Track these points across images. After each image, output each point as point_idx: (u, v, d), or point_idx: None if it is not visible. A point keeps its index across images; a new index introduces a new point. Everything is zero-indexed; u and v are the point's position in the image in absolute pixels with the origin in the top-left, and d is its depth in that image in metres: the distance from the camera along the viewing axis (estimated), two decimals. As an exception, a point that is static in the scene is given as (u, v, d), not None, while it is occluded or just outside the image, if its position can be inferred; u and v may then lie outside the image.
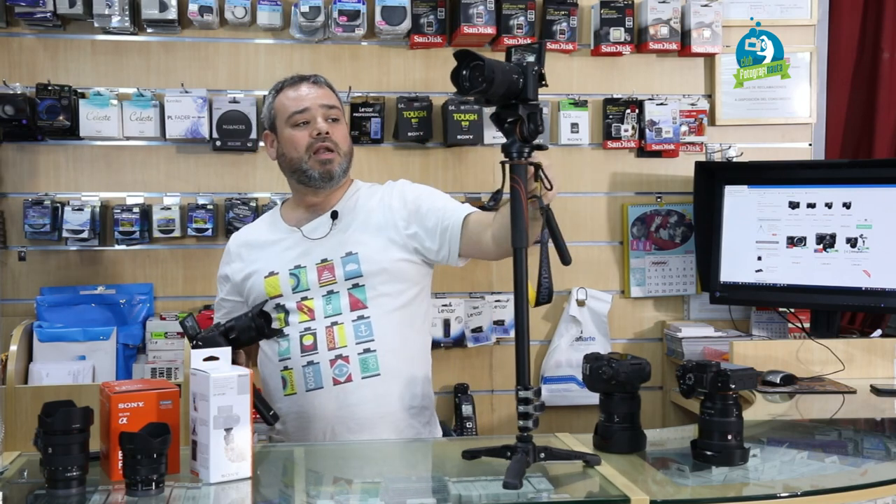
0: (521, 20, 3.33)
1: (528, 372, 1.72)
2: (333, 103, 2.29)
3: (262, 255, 2.32)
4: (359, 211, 2.31)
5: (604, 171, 3.55)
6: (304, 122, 2.25)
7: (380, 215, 2.29)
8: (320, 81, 2.32)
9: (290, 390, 2.23)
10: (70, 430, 1.59)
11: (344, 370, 2.19)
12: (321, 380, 2.19)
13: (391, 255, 2.25)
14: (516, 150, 1.74)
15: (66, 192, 3.24)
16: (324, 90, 2.30)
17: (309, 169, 2.25)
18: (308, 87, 2.29)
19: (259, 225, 2.46)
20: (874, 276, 3.05)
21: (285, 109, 2.28)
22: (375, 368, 2.20)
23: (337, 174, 2.26)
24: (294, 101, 2.27)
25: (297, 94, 2.28)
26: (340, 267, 2.23)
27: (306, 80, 2.31)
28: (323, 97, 2.28)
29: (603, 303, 3.50)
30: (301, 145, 2.25)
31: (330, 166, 2.25)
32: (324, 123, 2.25)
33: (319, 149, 2.24)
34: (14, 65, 3.22)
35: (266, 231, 2.38)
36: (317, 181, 2.25)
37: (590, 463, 1.78)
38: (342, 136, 2.29)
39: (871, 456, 2.04)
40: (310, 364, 2.20)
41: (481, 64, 1.69)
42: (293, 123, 2.26)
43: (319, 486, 1.73)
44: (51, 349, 3.04)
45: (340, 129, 2.29)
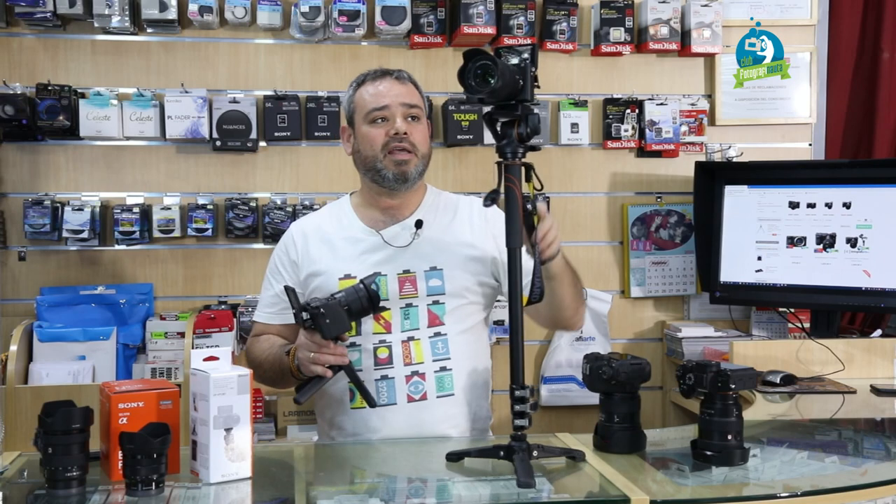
0: (521, 20, 3.33)
1: (522, 371, 1.72)
2: (415, 102, 2.17)
3: (334, 252, 2.19)
4: (444, 222, 2.21)
5: (604, 171, 3.55)
6: (382, 118, 2.14)
7: (467, 233, 2.21)
8: (404, 77, 2.19)
9: (358, 403, 2.12)
10: (70, 430, 1.59)
11: (419, 387, 2.12)
12: (395, 396, 2.11)
13: (473, 276, 2.18)
14: (511, 151, 1.74)
15: (66, 192, 3.24)
16: (407, 87, 2.18)
17: (383, 168, 2.13)
18: (390, 82, 2.16)
19: (327, 218, 2.28)
20: (874, 276, 3.05)
21: (364, 105, 2.16)
22: (450, 388, 2.14)
23: (412, 176, 2.14)
24: (374, 98, 2.15)
25: (377, 89, 2.15)
26: (423, 280, 2.14)
27: (389, 74, 2.18)
28: (405, 95, 2.16)
29: (603, 303, 3.50)
30: (377, 143, 2.13)
31: (405, 167, 2.12)
32: (402, 123, 2.13)
33: (395, 149, 2.12)
34: (14, 65, 3.22)
35: (339, 226, 2.23)
36: (391, 182, 2.13)
37: (575, 458, 1.80)
38: (421, 137, 2.16)
39: (871, 456, 2.04)
40: (384, 378, 2.11)
41: (489, 64, 1.69)
42: (371, 120, 2.14)
43: (319, 485, 1.73)
44: (51, 349, 3.04)
45: (420, 130, 2.16)
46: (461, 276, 2.16)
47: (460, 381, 2.16)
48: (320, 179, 3.35)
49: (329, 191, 3.31)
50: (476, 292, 2.20)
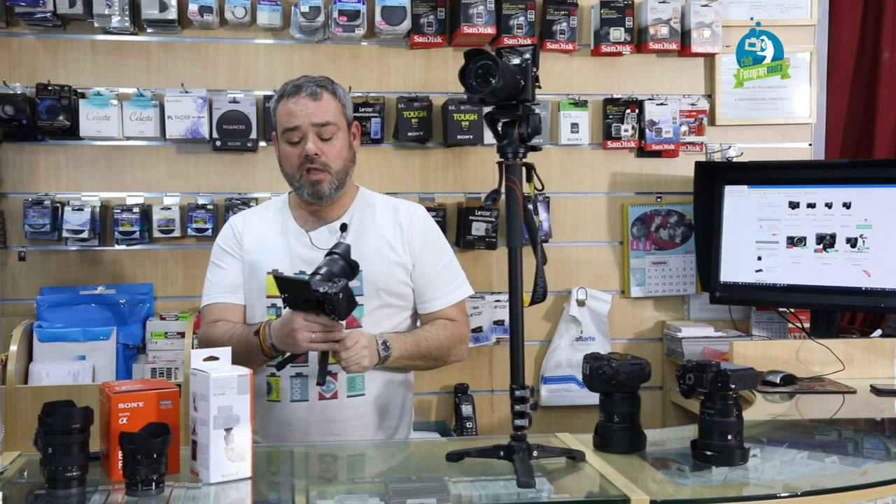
0: (521, 20, 3.33)
1: (522, 371, 1.72)
2: (327, 119, 2.19)
3: (266, 248, 2.28)
4: (368, 224, 2.28)
5: (604, 171, 3.55)
6: (295, 140, 2.20)
7: (389, 236, 2.27)
8: (317, 94, 2.20)
9: (274, 397, 2.23)
10: (70, 430, 1.59)
11: (331, 386, 2.19)
12: (307, 393, 2.19)
13: (394, 277, 2.25)
14: (511, 151, 1.75)
15: (66, 192, 3.24)
16: (320, 103, 2.20)
17: (300, 186, 2.23)
18: (304, 101, 2.19)
19: (265, 214, 2.38)
20: (874, 276, 3.05)
21: (280, 123, 2.23)
22: (361, 388, 2.22)
23: (326, 194, 2.21)
24: (287, 117, 2.20)
25: (290, 108, 2.20)
26: None
27: (303, 91, 2.20)
28: (317, 114, 2.19)
29: (603, 303, 3.50)
30: (293, 163, 2.22)
31: (319, 187, 2.20)
32: (313, 145, 2.18)
33: (309, 169, 2.19)
34: (14, 65, 3.22)
35: (273, 223, 2.33)
36: (307, 198, 2.23)
37: (575, 458, 1.80)
38: (335, 155, 2.21)
39: (871, 456, 2.04)
40: (298, 376, 2.20)
41: (490, 64, 1.69)
42: (286, 140, 2.22)
43: (319, 486, 1.73)
44: (51, 349, 3.04)
45: (334, 147, 2.21)
46: (379, 277, 2.23)
47: (373, 382, 2.22)
48: (320, 179, 3.35)
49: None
50: (395, 294, 2.25)
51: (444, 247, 2.36)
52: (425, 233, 2.32)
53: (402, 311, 2.29)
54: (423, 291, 2.29)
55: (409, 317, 2.32)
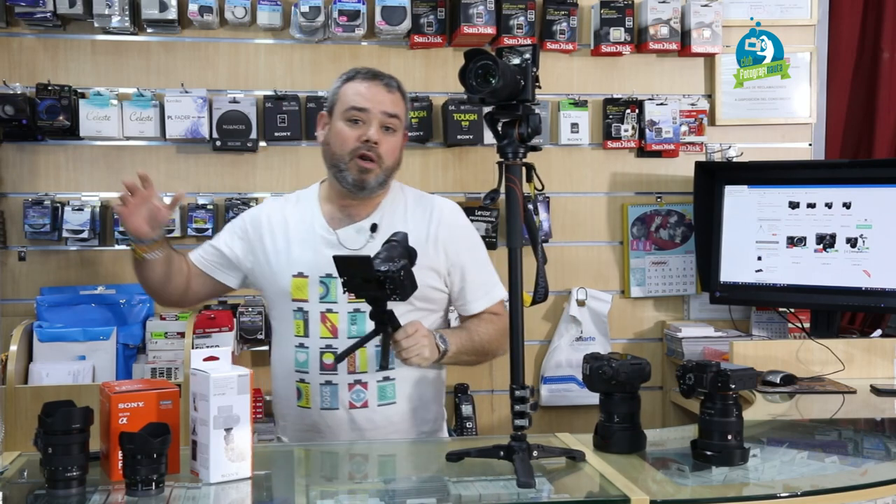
0: (521, 20, 3.33)
1: (522, 371, 1.72)
2: (396, 112, 2.16)
3: (290, 250, 2.20)
4: (399, 225, 2.18)
5: (604, 171, 3.55)
6: (358, 120, 2.14)
7: (424, 238, 2.18)
8: (393, 86, 2.18)
9: (304, 402, 2.19)
10: (70, 430, 1.59)
11: (361, 395, 2.14)
12: (337, 401, 2.15)
13: (423, 280, 2.11)
14: (512, 151, 1.75)
15: (66, 192, 3.24)
16: (393, 96, 2.17)
17: (346, 170, 2.14)
18: (378, 87, 2.15)
19: (293, 209, 2.29)
20: (874, 276, 3.05)
21: (346, 101, 2.15)
22: (392, 397, 2.16)
23: (371, 186, 2.14)
24: (357, 97, 2.14)
25: (363, 90, 2.15)
26: None
27: (380, 79, 2.18)
28: (388, 103, 2.15)
29: (603, 303, 3.50)
30: (347, 144, 2.14)
31: (366, 175, 2.13)
32: (376, 132, 2.13)
33: (362, 155, 2.12)
34: (14, 65, 3.22)
35: (301, 220, 2.24)
36: (349, 185, 2.15)
37: (575, 458, 1.80)
38: (390, 150, 2.16)
39: (871, 456, 2.04)
40: (328, 384, 2.15)
41: (490, 64, 1.69)
42: (348, 118, 2.14)
43: (319, 486, 1.73)
44: (51, 349, 3.04)
45: (392, 142, 2.16)
46: None
47: (403, 390, 2.17)
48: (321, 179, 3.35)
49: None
50: (425, 298, 2.17)
51: (478, 246, 2.31)
52: (460, 233, 2.26)
53: (433, 313, 2.23)
54: (463, 293, 2.23)
55: (439, 318, 2.26)
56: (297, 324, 2.18)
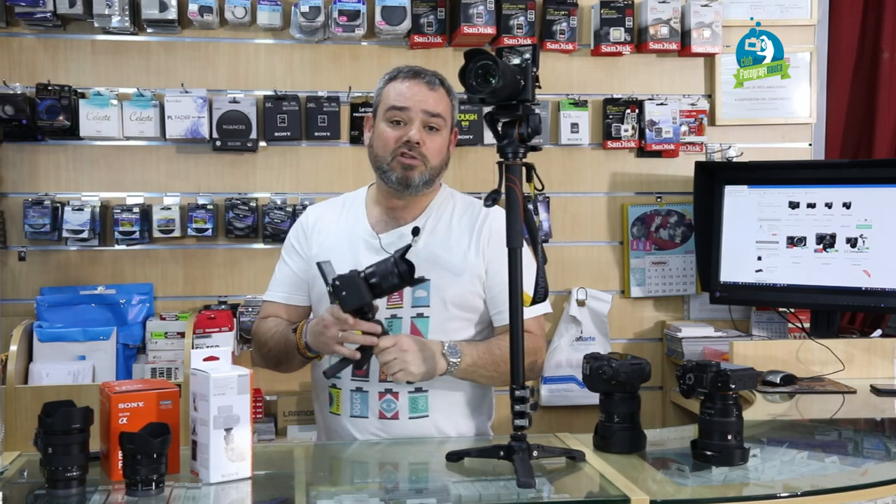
0: (521, 20, 3.33)
1: (522, 371, 1.72)
2: (439, 111, 2.10)
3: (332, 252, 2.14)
4: (443, 230, 2.15)
5: (604, 171, 3.55)
6: (400, 120, 2.09)
7: (467, 244, 2.14)
8: (435, 83, 2.12)
9: (335, 409, 2.15)
10: (70, 430, 1.59)
11: (392, 406, 2.09)
12: (367, 410, 2.10)
13: (464, 288, 2.12)
14: (512, 151, 1.75)
15: (66, 192, 3.24)
16: (436, 94, 2.11)
17: (389, 170, 2.10)
18: (419, 85, 2.10)
19: (340, 211, 2.26)
20: (874, 276, 3.05)
21: (387, 101, 2.11)
22: (424, 409, 2.10)
23: (416, 184, 2.09)
24: (398, 97, 2.10)
25: (404, 89, 2.10)
26: (409, 291, 2.09)
27: (421, 76, 2.12)
28: (430, 102, 2.09)
29: (603, 303, 3.50)
30: (389, 145, 2.09)
31: (410, 172, 2.08)
32: (418, 132, 2.07)
33: (405, 154, 2.08)
34: (14, 65, 3.22)
35: (346, 223, 2.21)
36: (394, 184, 2.10)
37: (575, 458, 1.80)
38: (435, 149, 2.11)
39: (871, 456, 2.04)
40: (358, 390, 2.11)
41: (490, 64, 1.69)
42: (389, 118, 2.10)
43: (319, 485, 1.73)
44: (51, 349, 3.04)
45: (436, 141, 2.11)
46: (448, 288, 2.10)
47: (437, 403, 2.11)
48: (320, 179, 3.35)
49: (329, 191, 3.30)
50: (465, 307, 2.13)
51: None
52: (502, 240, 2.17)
53: (473, 324, 2.16)
54: (497, 301, 2.13)
55: (481, 331, 2.18)
56: None
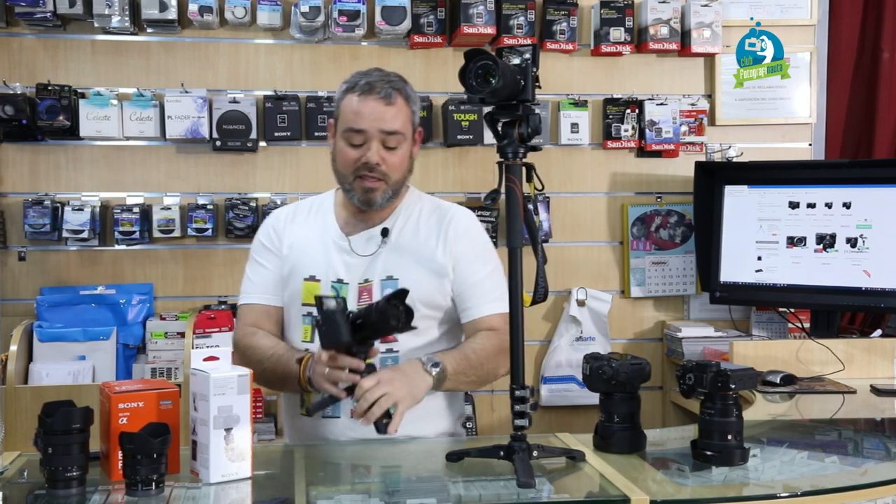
0: (521, 20, 3.33)
1: (522, 371, 1.72)
2: (396, 128, 2.06)
3: (304, 252, 2.16)
4: (411, 230, 2.16)
5: (604, 171, 3.55)
6: (357, 142, 2.06)
7: (435, 244, 2.14)
8: (391, 97, 2.06)
9: (305, 411, 2.14)
10: (70, 430, 1.59)
11: None
12: (339, 409, 2.08)
13: (432, 287, 2.12)
14: (512, 151, 1.75)
15: (66, 192, 3.24)
16: (393, 108, 2.06)
17: (351, 189, 2.09)
18: (376, 103, 2.04)
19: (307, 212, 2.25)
20: (874, 276, 3.05)
21: (345, 118, 2.08)
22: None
23: (378, 203, 2.09)
24: (354, 117, 2.05)
25: (360, 108, 2.05)
26: (379, 290, 2.10)
27: (376, 91, 2.05)
28: (387, 120, 2.05)
29: (603, 303, 3.50)
30: (349, 166, 2.07)
31: (371, 195, 2.08)
32: (376, 154, 2.04)
33: (365, 176, 2.06)
34: (14, 65, 3.22)
35: (315, 224, 2.21)
36: (357, 203, 2.11)
37: (575, 458, 1.80)
38: (396, 165, 2.08)
39: (871, 456, 2.04)
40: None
41: (490, 64, 1.69)
42: (347, 139, 2.07)
43: (319, 485, 1.73)
44: (51, 349, 3.04)
45: (397, 156, 2.08)
46: (417, 287, 2.07)
47: None
48: (320, 179, 3.35)
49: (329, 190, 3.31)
50: (432, 305, 2.13)
51: (490, 255, 2.20)
52: (469, 238, 2.18)
53: (439, 322, 2.16)
54: (465, 297, 2.14)
55: (446, 331, 2.18)
56: (305, 329, 2.14)
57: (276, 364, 2.08)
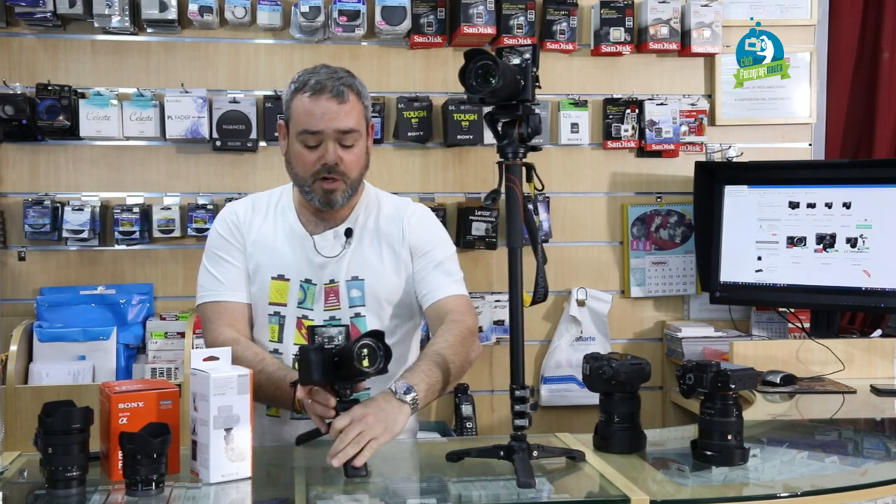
0: (521, 20, 3.33)
1: (522, 371, 1.72)
2: (351, 126, 2.03)
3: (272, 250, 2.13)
4: (372, 228, 2.16)
5: (604, 171, 3.55)
6: (313, 144, 2.04)
7: (396, 241, 2.15)
8: (343, 95, 2.03)
9: (273, 411, 2.14)
10: (70, 430, 1.59)
11: None
12: None
13: (397, 286, 2.13)
14: (512, 151, 1.75)
15: (66, 192, 3.24)
16: (346, 107, 2.03)
17: (310, 192, 2.07)
18: (328, 103, 2.01)
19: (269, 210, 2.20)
20: (874, 276, 3.05)
21: (298, 120, 2.05)
22: None
23: (338, 202, 2.08)
24: (308, 119, 2.02)
25: (313, 110, 2.02)
26: (345, 291, 2.11)
27: (327, 91, 2.02)
28: (341, 119, 2.02)
29: (603, 303, 3.50)
30: (307, 168, 2.05)
31: (332, 196, 2.06)
32: (334, 154, 2.03)
33: (324, 177, 2.04)
34: (14, 65, 3.22)
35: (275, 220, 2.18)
36: (317, 204, 2.08)
37: (575, 458, 1.80)
38: (354, 162, 2.06)
39: (871, 456, 2.04)
40: None
41: (490, 64, 1.69)
42: (302, 141, 2.05)
43: (319, 486, 1.73)
44: (51, 349, 3.04)
45: (353, 153, 2.06)
46: (382, 285, 2.11)
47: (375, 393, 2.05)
48: (320, 179, 3.35)
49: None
50: (399, 304, 2.14)
51: (445, 243, 2.21)
52: (426, 228, 2.19)
53: (406, 321, 2.18)
54: (424, 283, 2.13)
55: (411, 329, 2.20)
56: (272, 328, 2.13)
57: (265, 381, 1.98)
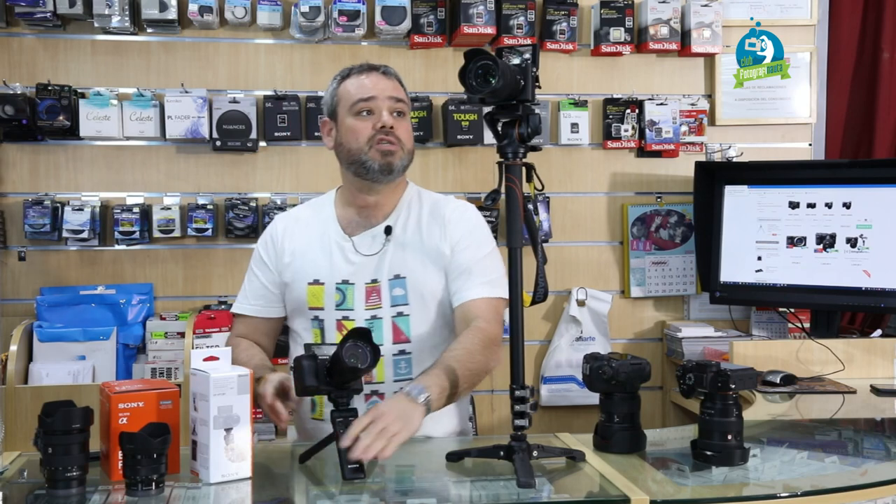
0: (521, 20, 3.33)
1: (522, 371, 1.72)
2: (401, 97, 2.12)
3: (305, 256, 2.15)
4: (413, 226, 2.15)
5: (604, 171, 3.55)
6: (367, 111, 2.08)
7: (438, 239, 2.13)
8: (390, 73, 2.14)
9: (318, 414, 2.13)
10: (70, 430, 1.59)
11: None
12: None
13: (439, 284, 2.10)
14: (512, 151, 1.75)
15: (66, 192, 3.25)
16: (393, 82, 2.13)
17: (369, 160, 2.07)
18: (377, 76, 2.11)
19: (309, 216, 2.24)
20: (874, 276, 3.05)
21: (349, 97, 2.10)
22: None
23: (397, 168, 2.08)
24: (360, 90, 2.09)
25: (364, 82, 2.10)
26: (387, 290, 2.10)
27: (376, 69, 2.13)
28: (391, 89, 2.11)
29: (603, 303, 3.50)
30: (363, 136, 2.07)
31: (391, 158, 2.06)
32: (389, 117, 2.07)
33: (382, 140, 2.06)
34: (14, 65, 3.22)
35: (316, 227, 2.19)
36: (375, 173, 2.07)
37: (575, 458, 1.80)
38: (406, 133, 2.12)
39: (871, 456, 2.04)
40: None
41: (490, 64, 1.69)
42: (356, 112, 2.09)
43: (319, 485, 1.73)
44: (51, 349, 3.04)
45: (405, 125, 2.12)
46: (426, 283, 2.09)
47: None
48: (320, 179, 3.35)
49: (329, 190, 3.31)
50: (441, 301, 2.12)
51: (486, 239, 2.17)
52: (467, 224, 2.16)
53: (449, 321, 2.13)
54: (455, 280, 2.10)
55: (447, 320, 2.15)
56: (315, 333, 2.13)
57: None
